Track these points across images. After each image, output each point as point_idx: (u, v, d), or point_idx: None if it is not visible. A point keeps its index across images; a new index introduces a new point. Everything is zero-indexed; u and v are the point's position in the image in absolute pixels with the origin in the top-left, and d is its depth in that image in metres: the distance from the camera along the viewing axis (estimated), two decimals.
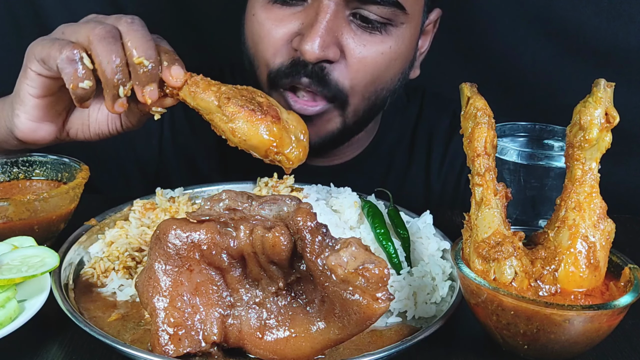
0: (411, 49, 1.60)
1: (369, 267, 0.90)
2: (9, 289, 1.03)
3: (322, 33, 1.41)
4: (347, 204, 1.32)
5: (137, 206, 1.36)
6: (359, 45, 1.47)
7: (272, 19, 1.48)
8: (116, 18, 1.17)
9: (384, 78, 1.55)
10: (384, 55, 1.50)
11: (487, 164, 1.06)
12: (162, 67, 1.15)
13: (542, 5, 2.04)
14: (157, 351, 0.97)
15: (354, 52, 1.47)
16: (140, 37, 1.13)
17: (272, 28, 1.48)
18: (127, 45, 1.12)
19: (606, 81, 1.02)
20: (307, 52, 1.40)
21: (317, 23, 1.41)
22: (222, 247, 0.98)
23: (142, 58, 1.12)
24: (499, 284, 1.00)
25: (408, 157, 1.86)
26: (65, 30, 1.18)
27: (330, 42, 1.43)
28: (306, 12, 1.45)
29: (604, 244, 1.02)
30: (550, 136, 1.40)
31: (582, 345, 0.99)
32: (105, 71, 1.12)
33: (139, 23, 1.16)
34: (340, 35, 1.45)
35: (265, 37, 1.49)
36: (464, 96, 1.12)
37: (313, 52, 1.40)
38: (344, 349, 1.03)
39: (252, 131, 1.15)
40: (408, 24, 1.52)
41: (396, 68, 1.57)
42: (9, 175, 1.39)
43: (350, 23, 1.47)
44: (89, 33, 1.12)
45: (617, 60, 2.02)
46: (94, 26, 1.13)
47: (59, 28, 1.21)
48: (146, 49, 1.12)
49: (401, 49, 1.54)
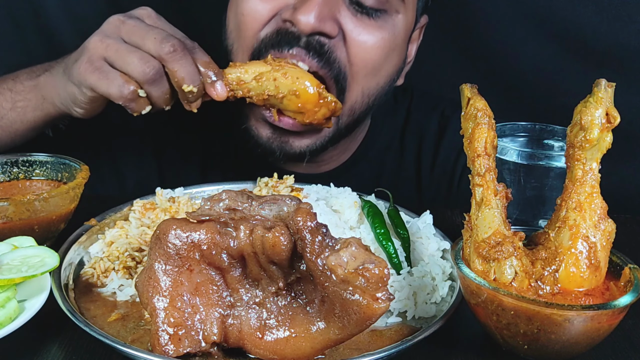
0: (405, 45, 1.59)
1: (369, 267, 0.90)
2: (9, 289, 1.03)
3: (320, 2, 1.36)
4: (347, 204, 1.32)
5: (137, 206, 1.36)
6: (357, 27, 1.44)
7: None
8: (157, 47, 1.24)
9: (384, 72, 1.53)
10: (382, 42, 1.47)
11: (487, 165, 1.06)
12: (206, 84, 1.30)
13: (542, 6, 2.04)
14: (157, 351, 0.97)
15: (352, 34, 1.44)
16: (184, 67, 1.25)
17: (258, 3, 1.44)
18: (175, 74, 1.25)
19: (607, 81, 1.02)
20: (300, 22, 1.36)
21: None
22: (222, 247, 0.98)
23: (191, 87, 1.27)
24: (499, 284, 1.00)
25: (399, 160, 1.85)
26: (111, 57, 1.26)
27: (327, 16, 1.38)
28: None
29: (604, 244, 1.02)
30: (550, 136, 1.40)
31: (583, 345, 0.99)
32: (157, 104, 1.31)
33: (180, 50, 1.25)
34: (338, 13, 1.42)
35: (249, 13, 1.45)
36: (464, 97, 1.12)
37: (308, 22, 1.35)
38: (344, 349, 1.03)
39: (302, 72, 1.37)
40: (403, 14, 1.50)
41: (394, 62, 1.55)
42: (9, 175, 1.39)
43: (346, 5, 1.44)
44: (139, 71, 1.24)
45: (617, 60, 2.02)
46: (141, 63, 1.24)
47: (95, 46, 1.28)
48: (191, 76, 1.26)
49: (397, 41, 1.52)
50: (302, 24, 1.36)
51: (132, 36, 1.26)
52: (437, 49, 1.83)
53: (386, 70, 1.54)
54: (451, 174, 1.80)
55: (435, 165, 1.82)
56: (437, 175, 1.82)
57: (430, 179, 1.83)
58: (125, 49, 1.25)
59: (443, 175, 1.81)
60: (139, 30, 1.27)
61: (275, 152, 1.54)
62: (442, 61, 2.11)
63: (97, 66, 1.27)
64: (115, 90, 1.25)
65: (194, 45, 1.31)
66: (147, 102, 1.30)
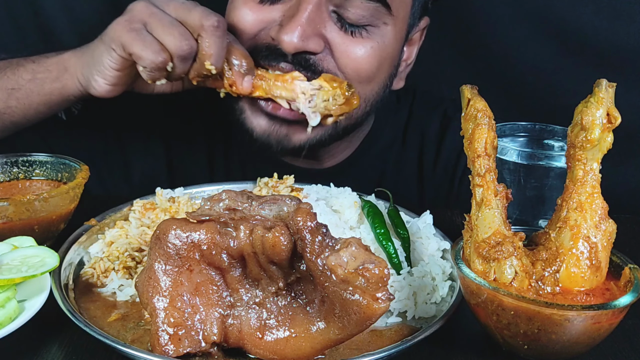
0: (397, 53, 1.58)
1: (369, 267, 0.90)
2: (9, 289, 1.03)
3: (302, 23, 1.38)
4: (347, 204, 1.32)
5: (137, 206, 1.36)
6: (344, 40, 1.45)
7: (249, 6, 1.47)
8: (203, 16, 1.28)
9: (378, 80, 1.53)
10: (372, 51, 1.48)
11: (487, 165, 1.06)
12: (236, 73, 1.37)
13: (542, 5, 2.04)
14: (157, 351, 0.97)
15: (340, 47, 1.45)
16: (218, 45, 1.30)
17: (247, 13, 1.47)
18: (206, 48, 1.30)
19: (607, 81, 1.02)
20: (284, 42, 1.38)
21: (298, 14, 1.39)
22: (222, 247, 0.98)
23: (213, 67, 1.31)
24: (499, 284, 1.00)
25: (400, 159, 1.85)
26: (152, 24, 1.30)
27: (311, 34, 1.40)
28: (286, 5, 1.44)
29: (605, 244, 1.02)
30: (551, 136, 1.40)
31: (583, 345, 0.99)
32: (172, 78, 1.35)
33: (222, 29, 1.30)
34: (324, 28, 1.43)
35: (239, 22, 1.48)
36: (464, 98, 1.12)
37: (291, 42, 1.38)
38: (344, 349, 1.03)
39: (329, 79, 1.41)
40: (392, 25, 1.50)
41: (386, 70, 1.55)
42: (9, 175, 1.39)
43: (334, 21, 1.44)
44: (177, 45, 1.28)
45: (617, 60, 2.02)
46: (181, 38, 1.28)
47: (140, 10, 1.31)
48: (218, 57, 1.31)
49: (388, 50, 1.52)
50: (285, 43, 1.39)
51: (179, 9, 1.31)
52: (437, 49, 1.83)
53: (380, 77, 1.55)
54: (453, 174, 1.81)
55: (437, 165, 1.82)
56: (439, 174, 1.82)
57: (432, 178, 1.83)
58: (169, 21, 1.29)
59: (445, 175, 1.82)
60: (186, 6, 1.31)
61: (272, 146, 1.53)
62: (442, 61, 2.11)
63: (135, 27, 1.29)
64: (149, 55, 1.27)
65: (233, 37, 1.38)
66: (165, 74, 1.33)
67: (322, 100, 1.38)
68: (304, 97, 1.38)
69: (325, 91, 1.38)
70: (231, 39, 1.37)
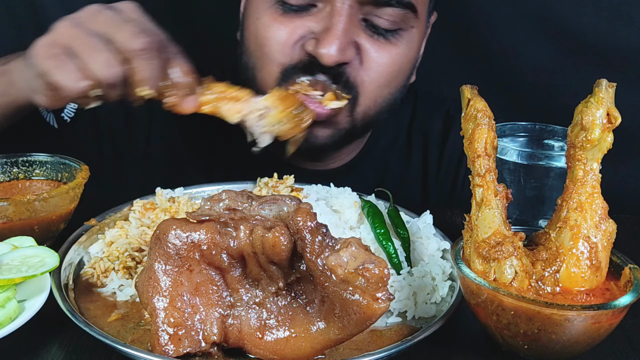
0: (418, 53, 1.61)
1: (369, 267, 0.90)
2: (9, 289, 1.03)
3: (340, 35, 1.40)
4: (347, 204, 1.32)
5: (137, 206, 1.35)
6: (373, 47, 1.47)
7: (279, 22, 1.47)
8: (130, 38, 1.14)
9: (396, 82, 1.55)
10: (398, 58, 1.51)
11: (487, 165, 1.06)
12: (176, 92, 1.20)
13: (541, 6, 2.04)
14: (157, 351, 0.97)
15: (369, 53, 1.47)
16: (149, 68, 1.15)
17: (280, 28, 1.47)
18: (137, 73, 1.14)
19: (607, 81, 1.02)
20: (324, 56, 1.39)
21: (334, 27, 1.40)
22: (222, 247, 0.98)
23: (146, 91, 1.16)
24: (499, 284, 1.00)
25: (404, 159, 1.85)
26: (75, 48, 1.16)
27: (346, 44, 1.42)
28: (317, 17, 1.44)
29: (605, 244, 1.02)
30: (551, 136, 1.40)
31: (583, 345, 0.99)
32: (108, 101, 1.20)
33: (151, 50, 1.14)
34: (357, 36, 1.45)
35: (272, 38, 1.48)
36: (464, 98, 1.12)
37: (331, 56, 1.39)
38: (344, 349, 1.03)
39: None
40: (417, 27, 1.53)
41: (406, 72, 1.58)
42: (9, 175, 1.39)
43: (363, 28, 1.47)
44: (101, 73, 1.14)
45: (617, 60, 2.02)
46: (105, 67, 1.13)
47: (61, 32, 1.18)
48: (152, 81, 1.16)
49: (412, 53, 1.55)
50: (325, 57, 1.39)
51: (106, 27, 1.16)
52: (437, 49, 1.83)
53: (399, 81, 1.57)
54: (455, 174, 1.81)
55: (441, 165, 1.82)
56: (442, 174, 1.83)
57: (436, 178, 1.83)
58: (93, 45, 1.14)
59: (448, 175, 1.82)
60: (114, 21, 1.16)
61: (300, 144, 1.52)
62: (442, 61, 2.11)
63: (55, 52, 1.16)
64: (70, 83, 1.14)
65: (176, 51, 1.21)
66: (96, 98, 1.19)
67: (269, 122, 1.29)
68: (253, 116, 1.28)
69: (271, 115, 1.28)
70: (172, 52, 1.19)
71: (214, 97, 1.24)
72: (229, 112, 1.25)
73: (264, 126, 1.28)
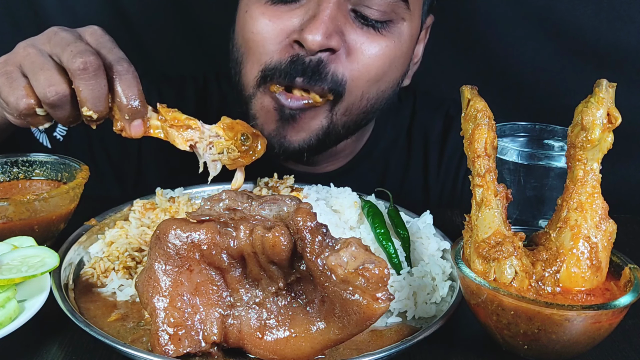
0: (410, 50, 1.59)
1: (369, 267, 0.90)
2: (9, 289, 1.03)
3: (326, 20, 1.38)
4: (347, 204, 1.32)
5: (137, 206, 1.36)
6: (361, 38, 1.45)
7: (267, 15, 1.46)
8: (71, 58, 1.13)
9: (386, 79, 1.53)
10: (387, 50, 1.48)
11: (487, 165, 1.06)
12: (123, 118, 1.17)
13: (541, 6, 2.04)
14: (157, 351, 0.97)
15: (356, 44, 1.45)
16: (90, 89, 1.13)
17: (267, 23, 1.46)
18: (79, 93, 1.13)
19: (608, 81, 1.02)
20: (307, 40, 1.38)
21: (320, 12, 1.39)
22: (222, 247, 0.98)
23: (90, 112, 1.15)
24: (499, 284, 1.00)
25: (404, 160, 1.85)
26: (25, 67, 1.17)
27: (333, 31, 1.40)
28: (305, 8, 1.43)
29: (605, 244, 1.03)
30: (551, 136, 1.40)
31: (583, 345, 0.99)
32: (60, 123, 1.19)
33: (92, 70, 1.12)
34: (343, 25, 1.43)
35: (259, 32, 1.46)
36: (464, 98, 1.12)
37: (315, 40, 1.37)
38: (344, 349, 1.03)
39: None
40: (408, 21, 1.51)
41: (398, 69, 1.55)
42: (9, 175, 1.39)
43: (352, 19, 1.45)
44: (41, 92, 1.14)
45: (617, 60, 2.01)
46: (46, 85, 1.13)
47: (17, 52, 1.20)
48: (95, 101, 1.14)
49: (403, 48, 1.52)
50: (309, 42, 1.38)
51: (56, 47, 1.16)
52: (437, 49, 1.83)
53: (390, 77, 1.54)
54: (455, 174, 1.81)
55: (441, 165, 1.82)
56: (442, 174, 1.82)
57: (436, 178, 1.83)
58: (40, 64, 1.15)
59: (448, 175, 1.82)
60: (64, 42, 1.16)
61: (274, 148, 1.52)
62: (442, 61, 2.11)
63: (7, 70, 1.18)
64: (13, 100, 1.16)
65: (127, 70, 1.16)
66: (46, 119, 1.20)
67: (218, 149, 1.26)
68: (203, 144, 1.26)
69: (218, 143, 1.25)
70: (123, 72, 1.15)
71: (163, 123, 1.21)
72: (178, 139, 1.23)
73: (212, 154, 1.25)
